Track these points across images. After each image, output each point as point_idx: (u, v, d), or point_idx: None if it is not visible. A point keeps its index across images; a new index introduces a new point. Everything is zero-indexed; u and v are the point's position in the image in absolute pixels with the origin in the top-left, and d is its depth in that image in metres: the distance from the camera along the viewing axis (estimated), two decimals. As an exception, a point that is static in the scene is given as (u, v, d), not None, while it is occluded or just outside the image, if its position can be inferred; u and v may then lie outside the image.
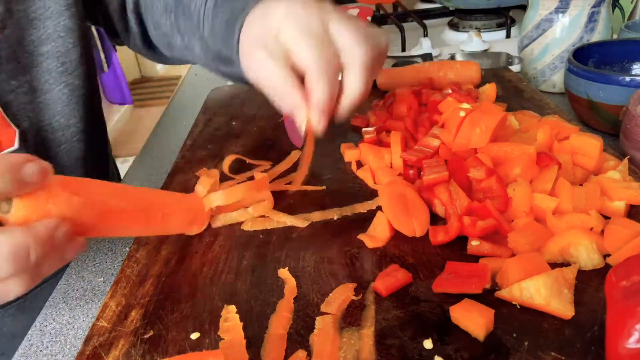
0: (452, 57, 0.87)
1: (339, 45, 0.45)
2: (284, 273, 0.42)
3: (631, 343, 0.28)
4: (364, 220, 0.47)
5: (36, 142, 0.58)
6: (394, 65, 0.83)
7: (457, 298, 0.37)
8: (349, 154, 0.58)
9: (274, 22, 0.45)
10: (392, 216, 0.45)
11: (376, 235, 0.45)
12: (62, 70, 0.59)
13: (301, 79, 0.45)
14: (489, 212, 0.42)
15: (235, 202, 0.48)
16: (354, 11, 1.10)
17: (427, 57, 0.77)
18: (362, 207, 0.49)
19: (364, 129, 0.59)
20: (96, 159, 0.68)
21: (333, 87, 0.44)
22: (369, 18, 1.06)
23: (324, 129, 0.45)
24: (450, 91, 0.61)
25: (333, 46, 0.44)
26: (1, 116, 0.54)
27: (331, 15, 0.46)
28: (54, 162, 0.36)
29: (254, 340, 0.36)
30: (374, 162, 0.54)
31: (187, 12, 0.58)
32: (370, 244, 0.44)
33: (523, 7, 1.05)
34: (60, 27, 0.57)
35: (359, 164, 0.57)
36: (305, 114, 0.45)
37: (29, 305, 0.63)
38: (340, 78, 0.46)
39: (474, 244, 0.41)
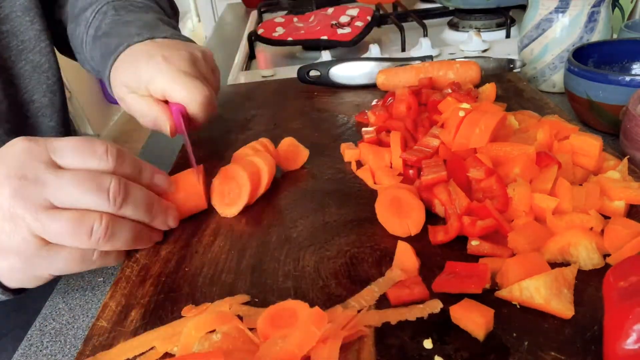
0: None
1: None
2: None
3: (629, 344, 0.28)
4: (364, 220, 0.47)
5: (1, 119, 0.61)
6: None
7: (457, 298, 0.37)
8: (349, 153, 0.58)
9: (143, 75, 0.53)
10: (386, 222, 0.45)
11: (404, 268, 0.41)
12: (22, 48, 0.63)
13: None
14: (489, 211, 0.42)
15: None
16: (354, 11, 1.10)
17: (427, 59, 0.77)
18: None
19: (363, 129, 0.59)
20: (62, 134, 0.71)
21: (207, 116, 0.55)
22: (369, 18, 1.07)
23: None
24: (450, 91, 0.61)
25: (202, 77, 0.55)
26: None
27: (176, 57, 0.54)
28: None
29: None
30: (374, 162, 0.54)
31: (74, 34, 0.66)
32: (398, 277, 0.40)
33: (523, 7, 1.05)
34: (17, 7, 0.61)
35: (359, 164, 0.57)
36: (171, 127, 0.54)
37: (31, 304, 0.63)
38: None
39: (474, 243, 0.41)
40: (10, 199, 0.38)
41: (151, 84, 0.53)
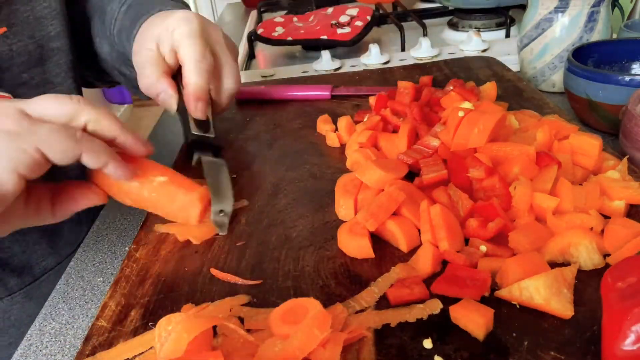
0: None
1: (216, 49, 0.57)
2: None
3: (627, 345, 0.28)
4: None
5: None
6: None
7: (457, 298, 0.37)
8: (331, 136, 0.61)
9: (171, 23, 0.55)
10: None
11: (416, 268, 0.41)
12: (71, 66, 0.64)
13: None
14: (496, 211, 0.41)
15: None
16: (354, 11, 1.10)
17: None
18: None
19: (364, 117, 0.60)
20: None
21: (206, 79, 0.55)
22: (369, 18, 1.06)
23: (203, 114, 0.56)
24: (452, 87, 0.61)
25: (210, 49, 0.56)
26: None
27: (212, 27, 0.58)
28: None
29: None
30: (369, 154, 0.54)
31: (102, 15, 0.66)
32: (407, 273, 0.40)
33: (522, 7, 1.05)
34: (57, 24, 0.62)
35: (357, 164, 0.57)
36: (174, 100, 0.56)
37: (35, 293, 0.64)
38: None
39: (482, 249, 0.41)
40: None
41: (175, 32, 0.54)
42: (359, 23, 1.05)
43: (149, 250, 0.48)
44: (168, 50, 0.55)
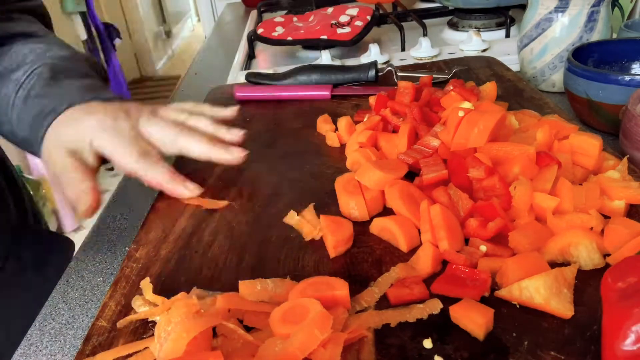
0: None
1: (151, 138, 0.54)
2: None
3: (627, 345, 0.27)
4: (364, 220, 0.47)
5: None
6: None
7: (457, 297, 0.37)
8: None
9: (87, 133, 0.52)
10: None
11: (416, 267, 0.41)
12: None
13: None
14: (496, 211, 0.41)
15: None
16: (354, 10, 1.10)
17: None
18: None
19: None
20: None
21: (148, 165, 0.52)
22: (369, 18, 1.06)
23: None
24: (452, 87, 0.61)
25: (144, 141, 0.53)
26: None
27: (136, 116, 0.55)
28: None
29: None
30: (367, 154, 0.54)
31: None
32: (407, 273, 0.40)
33: (522, 7, 1.05)
34: None
35: (357, 164, 0.57)
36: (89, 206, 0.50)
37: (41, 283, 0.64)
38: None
39: (482, 249, 0.41)
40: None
41: (94, 142, 0.52)
42: (359, 23, 1.05)
43: (149, 250, 0.48)
44: (88, 155, 0.52)
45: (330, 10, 1.14)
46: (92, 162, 0.53)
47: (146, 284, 0.41)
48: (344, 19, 1.08)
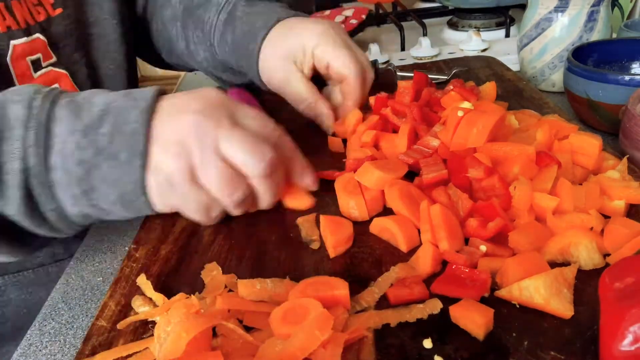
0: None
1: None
2: None
3: (625, 345, 0.27)
4: (364, 220, 0.47)
5: None
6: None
7: (457, 297, 0.37)
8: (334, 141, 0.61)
9: (310, 40, 0.56)
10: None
11: (416, 267, 0.41)
12: (107, 50, 0.66)
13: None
14: (496, 211, 0.41)
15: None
16: (349, 11, 1.10)
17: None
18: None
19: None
20: None
21: (366, 91, 0.60)
22: (364, 17, 1.07)
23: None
24: (452, 87, 0.61)
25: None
26: (71, 84, 0.62)
27: (342, 31, 0.59)
28: None
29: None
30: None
31: (197, 21, 0.65)
32: (407, 273, 0.40)
33: (522, 6, 1.05)
34: (105, 11, 0.65)
35: (357, 163, 0.57)
36: (330, 119, 0.60)
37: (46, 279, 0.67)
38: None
39: (482, 249, 0.40)
40: (188, 127, 0.42)
41: (317, 49, 0.55)
42: (353, 22, 1.05)
43: (149, 250, 0.48)
44: (308, 69, 0.58)
45: (327, 12, 1.15)
46: (308, 73, 0.58)
47: (143, 281, 0.41)
48: (339, 19, 1.08)
